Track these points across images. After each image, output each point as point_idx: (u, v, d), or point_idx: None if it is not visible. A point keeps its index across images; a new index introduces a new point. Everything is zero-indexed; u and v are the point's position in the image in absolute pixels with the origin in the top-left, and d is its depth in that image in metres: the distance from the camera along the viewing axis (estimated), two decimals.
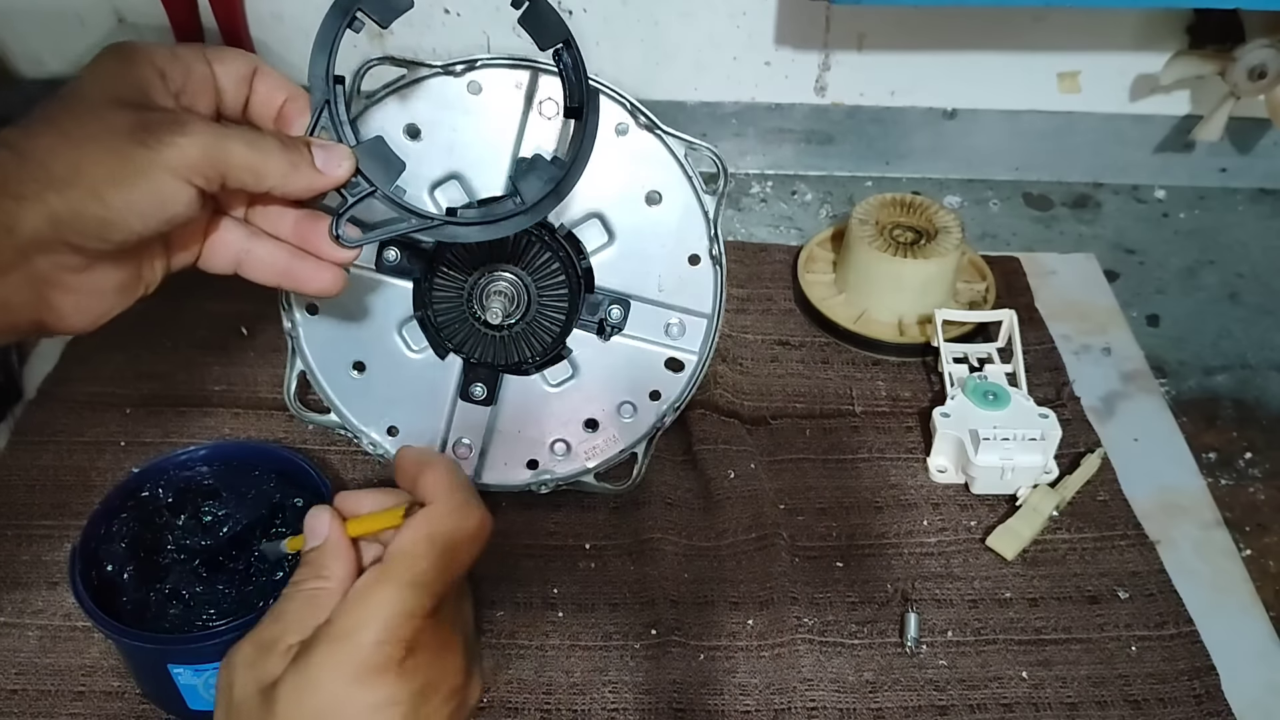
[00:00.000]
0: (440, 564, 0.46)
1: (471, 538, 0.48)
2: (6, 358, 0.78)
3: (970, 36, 0.96)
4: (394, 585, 0.45)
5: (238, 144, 0.46)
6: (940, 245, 0.82)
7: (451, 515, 0.47)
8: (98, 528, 0.59)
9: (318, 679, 0.44)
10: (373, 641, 0.44)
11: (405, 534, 0.47)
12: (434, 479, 0.48)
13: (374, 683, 0.44)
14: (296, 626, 0.46)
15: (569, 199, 0.62)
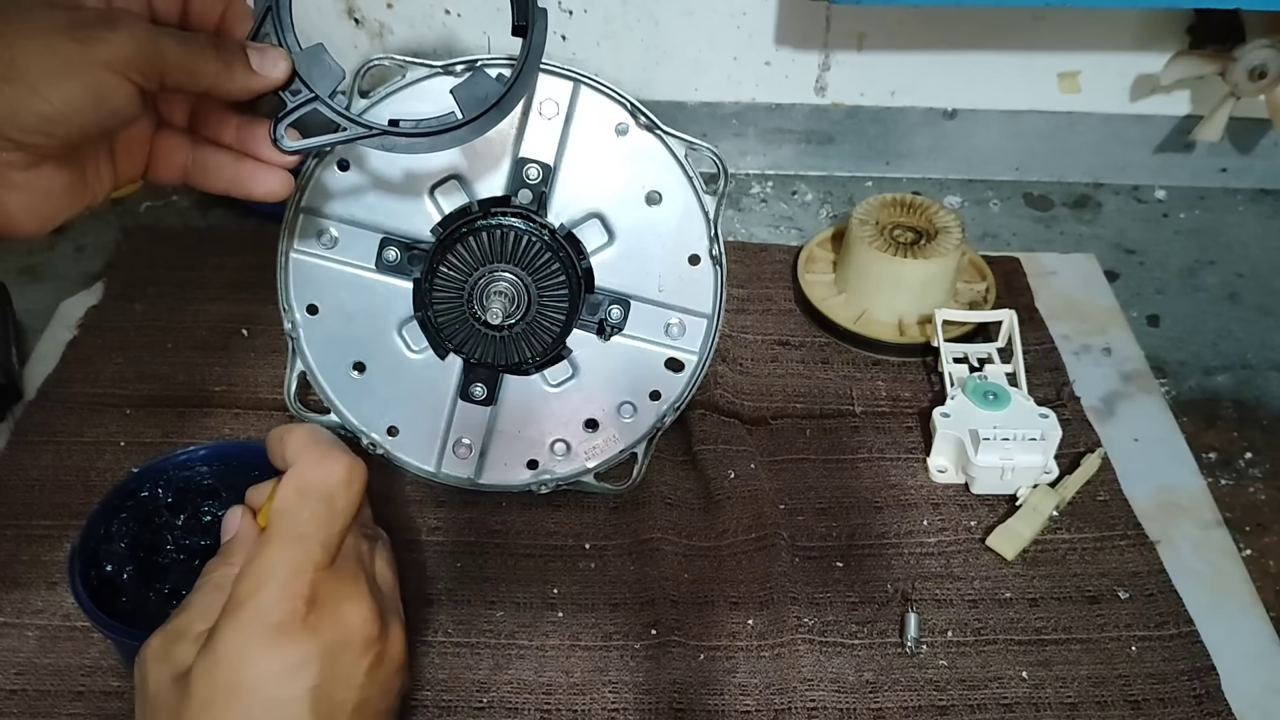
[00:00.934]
0: (318, 514, 0.46)
1: (343, 482, 0.48)
2: (7, 359, 0.78)
3: (970, 36, 0.96)
4: (278, 543, 0.46)
5: (170, 41, 0.46)
6: (940, 245, 0.82)
7: (315, 466, 0.48)
8: (97, 528, 0.59)
9: (226, 654, 0.43)
10: (271, 601, 0.44)
11: (278, 493, 0.47)
12: (293, 442, 0.49)
13: (280, 644, 0.44)
14: (203, 613, 0.46)
15: (569, 199, 0.63)
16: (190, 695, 0.43)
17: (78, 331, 0.82)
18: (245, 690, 0.43)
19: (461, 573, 0.67)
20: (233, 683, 0.43)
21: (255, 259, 0.87)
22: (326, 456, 0.48)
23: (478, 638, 0.64)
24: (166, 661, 0.45)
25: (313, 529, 0.46)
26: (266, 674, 0.43)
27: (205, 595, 0.47)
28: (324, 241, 0.64)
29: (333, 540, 0.47)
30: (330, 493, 0.47)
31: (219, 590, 0.47)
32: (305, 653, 0.44)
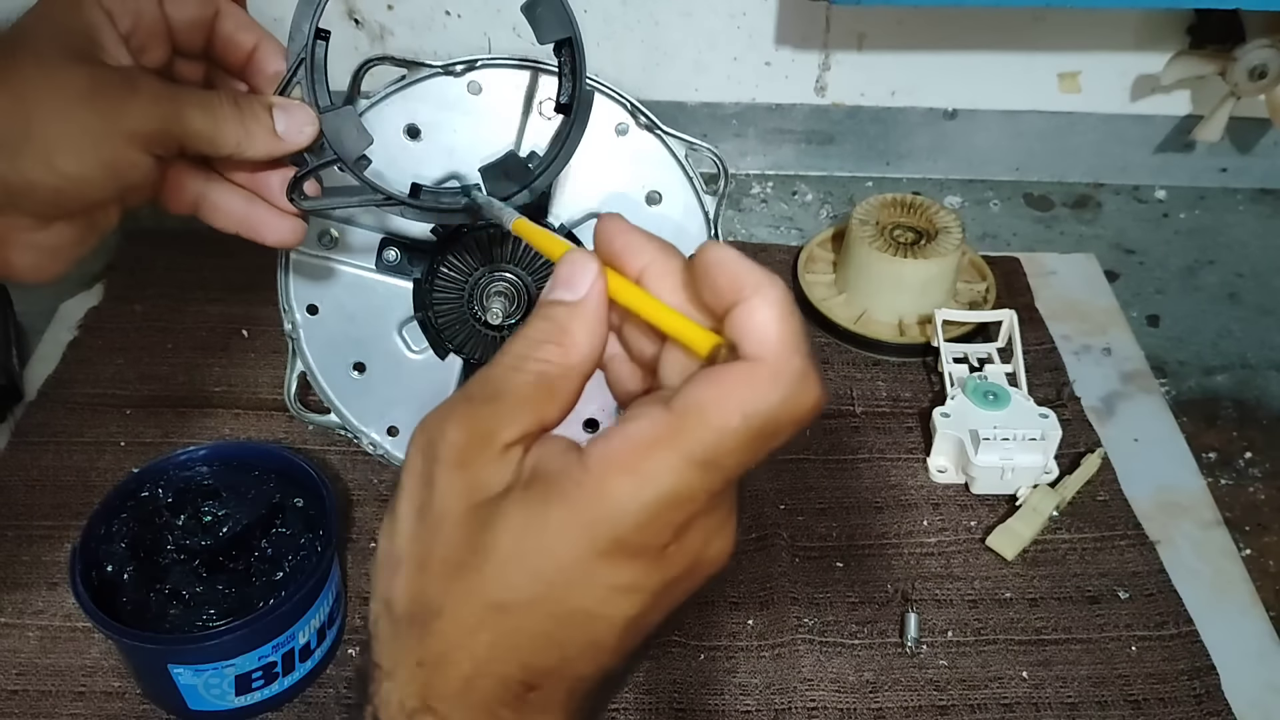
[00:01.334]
0: (749, 448, 0.33)
1: (801, 419, 0.33)
2: (7, 359, 0.78)
3: (970, 36, 0.96)
4: (681, 460, 0.32)
5: (193, 111, 0.45)
6: (940, 245, 0.82)
7: (782, 388, 0.32)
8: (98, 528, 0.59)
9: (553, 537, 0.33)
10: (635, 522, 0.33)
11: (712, 396, 0.32)
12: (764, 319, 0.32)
13: (622, 565, 0.33)
14: (518, 416, 0.35)
15: (569, 199, 0.63)
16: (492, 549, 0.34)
17: (78, 332, 0.82)
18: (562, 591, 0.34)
19: None
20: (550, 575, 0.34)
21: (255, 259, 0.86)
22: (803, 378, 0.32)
23: None
24: (466, 474, 0.34)
25: (730, 462, 0.33)
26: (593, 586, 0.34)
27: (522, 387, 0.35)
28: (324, 242, 0.64)
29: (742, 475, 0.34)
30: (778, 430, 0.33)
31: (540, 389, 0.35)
32: (644, 583, 0.34)
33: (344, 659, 0.63)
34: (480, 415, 0.35)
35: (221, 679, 0.57)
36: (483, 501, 0.34)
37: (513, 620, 0.34)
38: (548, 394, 0.35)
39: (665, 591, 0.35)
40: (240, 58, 0.50)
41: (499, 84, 0.61)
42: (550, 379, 0.35)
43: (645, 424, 0.33)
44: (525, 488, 0.34)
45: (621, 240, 0.35)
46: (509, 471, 0.34)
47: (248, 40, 0.49)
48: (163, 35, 0.48)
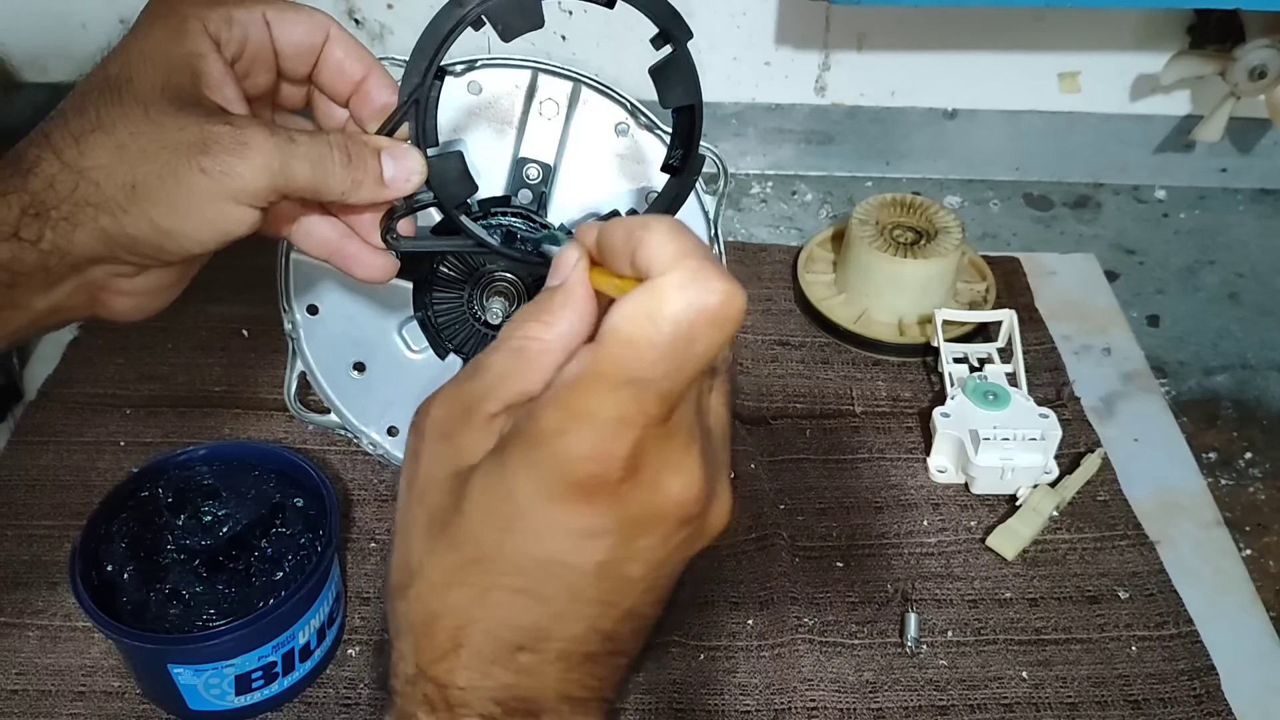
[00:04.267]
0: (670, 355, 0.33)
1: (712, 319, 0.33)
2: (7, 359, 0.78)
3: (970, 36, 0.96)
4: (605, 384, 0.33)
5: (302, 165, 0.43)
6: (940, 245, 0.82)
7: (681, 289, 0.33)
8: (98, 528, 0.59)
9: (512, 487, 0.35)
10: (578, 455, 0.33)
11: (619, 313, 0.34)
12: (656, 242, 0.34)
13: (578, 507, 0.34)
14: (499, 388, 0.37)
15: (569, 199, 0.63)
16: (463, 511, 0.36)
17: (78, 332, 0.82)
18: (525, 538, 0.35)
19: None
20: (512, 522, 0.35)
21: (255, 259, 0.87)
22: (698, 275, 0.33)
23: None
24: (451, 443, 0.37)
25: (657, 374, 0.33)
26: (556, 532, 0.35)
27: (505, 361, 0.37)
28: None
29: (677, 391, 0.34)
30: (695, 331, 0.33)
31: (521, 362, 0.37)
32: (604, 524, 0.34)
33: (344, 659, 0.63)
34: (462, 390, 0.37)
35: (221, 679, 0.57)
36: (464, 468, 0.36)
37: (486, 575, 0.35)
38: (527, 365, 0.36)
39: (635, 535, 0.35)
40: (347, 87, 0.48)
41: (499, 84, 0.61)
42: (529, 352, 0.36)
43: (575, 362, 0.35)
44: (495, 449, 0.36)
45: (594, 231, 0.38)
46: (490, 440, 0.36)
47: (356, 70, 0.48)
48: (269, 62, 0.47)
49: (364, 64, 0.48)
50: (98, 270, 0.44)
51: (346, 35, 0.48)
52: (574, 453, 0.34)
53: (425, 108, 0.46)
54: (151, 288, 0.46)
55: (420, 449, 0.38)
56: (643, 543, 0.36)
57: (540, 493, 0.34)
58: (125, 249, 0.43)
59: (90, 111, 0.42)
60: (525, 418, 0.35)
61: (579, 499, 0.34)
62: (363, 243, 0.49)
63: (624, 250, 0.35)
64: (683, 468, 0.35)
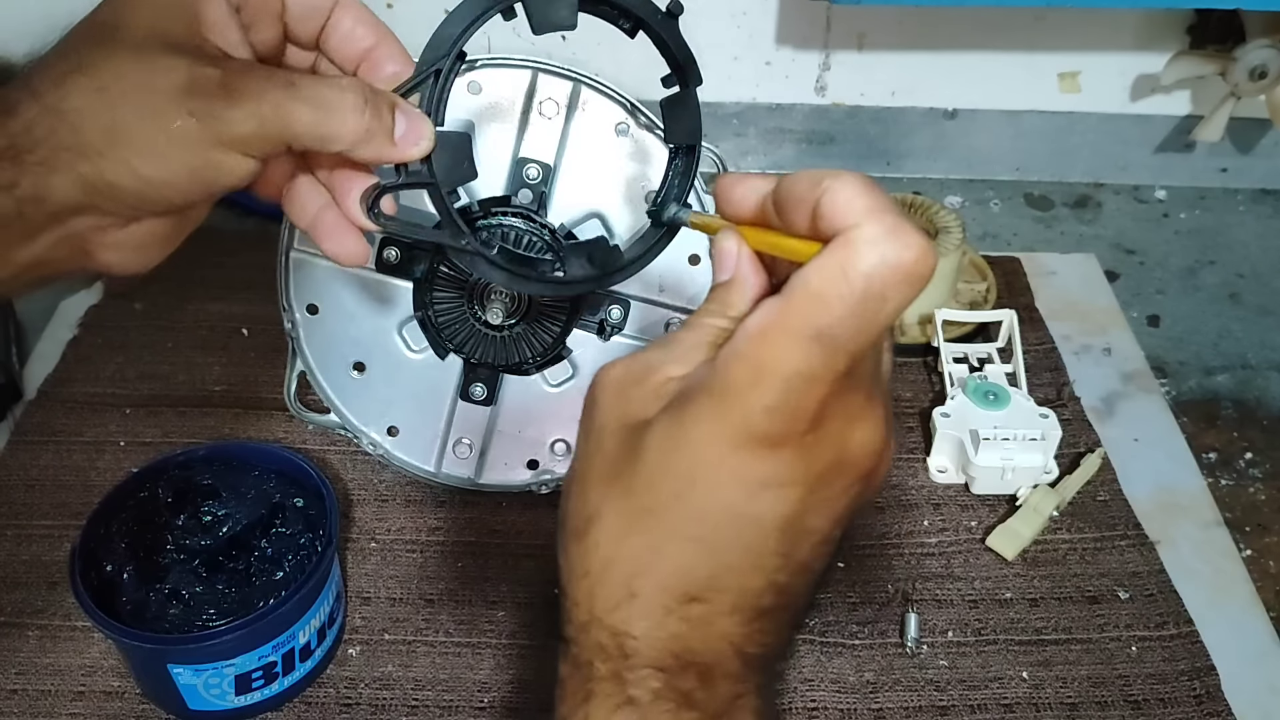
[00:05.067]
0: (859, 311, 0.32)
1: (906, 275, 0.32)
2: (7, 358, 0.78)
3: (970, 36, 0.96)
4: (793, 338, 0.33)
5: (303, 110, 0.40)
6: (941, 245, 0.82)
7: (877, 243, 0.32)
8: (98, 528, 0.59)
9: (694, 439, 0.35)
10: (766, 406, 0.33)
11: (813, 269, 0.33)
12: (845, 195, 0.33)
13: (763, 456, 0.34)
14: (680, 357, 0.37)
15: (569, 199, 0.63)
16: (640, 460, 0.36)
17: (78, 331, 0.82)
18: (706, 489, 0.35)
19: (462, 573, 0.67)
20: (693, 473, 0.35)
21: (255, 259, 0.87)
22: (895, 231, 0.32)
23: (479, 638, 0.64)
24: (623, 400, 0.38)
25: (844, 330, 0.33)
26: (735, 482, 0.35)
27: (690, 337, 0.38)
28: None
29: (864, 347, 0.34)
30: (886, 288, 0.32)
31: (703, 344, 0.37)
32: (790, 476, 0.35)
33: (344, 659, 0.63)
34: (649, 355, 0.38)
35: (221, 679, 0.57)
36: (637, 421, 0.37)
37: (663, 524, 0.36)
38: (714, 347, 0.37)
39: (818, 487, 0.35)
40: (354, 54, 0.46)
41: (499, 84, 0.61)
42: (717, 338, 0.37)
43: (759, 313, 0.34)
44: (671, 404, 0.36)
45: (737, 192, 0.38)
46: (663, 399, 0.36)
47: (367, 36, 0.46)
48: (275, 15, 0.44)
49: (375, 30, 0.46)
50: (80, 221, 0.41)
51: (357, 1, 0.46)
52: (761, 405, 0.33)
53: (443, 82, 0.44)
54: (141, 241, 0.43)
55: (599, 399, 0.38)
56: (824, 494, 0.36)
57: (723, 443, 0.34)
58: (105, 197, 0.40)
59: (74, 54, 0.40)
60: (707, 370, 0.35)
61: (764, 450, 0.34)
62: (341, 216, 0.46)
63: (807, 199, 0.34)
64: (866, 419, 0.36)
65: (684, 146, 0.49)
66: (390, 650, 0.63)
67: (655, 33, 0.47)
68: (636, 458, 0.36)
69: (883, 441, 0.37)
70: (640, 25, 0.47)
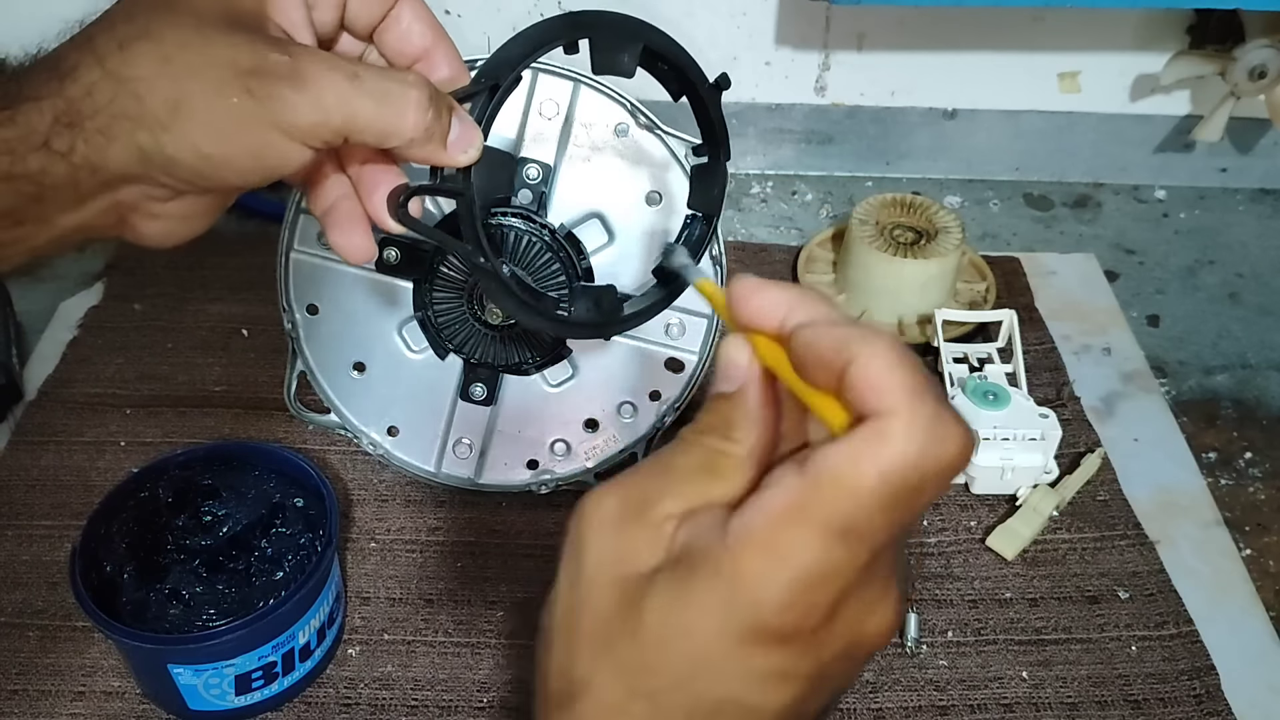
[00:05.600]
0: (891, 508, 0.30)
1: (946, 471, 0.30)
2: (7, 359, 0.78)
3: (970, 36, 0.96)
4: (816, 531, 0.30)
5: (366, 103, 0.39)
6: (940, 245, 0.82)
7: (918, 438, 0.29)
8: (98, 528, 0.59)
9: (697, 623, 0.32)
10: (778, 602, 0.30)
11: (845, 457, 0.30)
12: (880, 370, 0.30)
13: (769, 651, 0.31)
14: (683, 490, 0.34)
15: (569, 199, 0.63)
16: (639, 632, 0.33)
17: (78, 331, 0.82)
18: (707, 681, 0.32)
19: (462, 573, 0.67)
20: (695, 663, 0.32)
21: (255, 259, 0.87)
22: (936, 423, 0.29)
23: (478, 638, 0.64)
24: (619, 540, 0.34)
25: (878, 528, 0.30)
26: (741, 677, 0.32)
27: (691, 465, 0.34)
28: (324, 241, 0.64)
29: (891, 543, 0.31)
30: (922, 484, 0.30)
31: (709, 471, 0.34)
32: (797, 669, 0.32)
33: (344, 659, 0.63)
34: (642, 485, 0.34)
35: (221, 679, 0.57)
36: (632, 575, 0.33)
37: (660, 708, 0.33)
38: (713, 474, 0.34)
39: (821, 676, 0.33)
40: (410, 52, 0.45)
41: None
42: (715, 464, 0.34)
43: (780, 493, 0.31)
44: (673, 566, 0.33)
45: (756, 301, 0.34)
46: (660, 547, 0.33)
47: (424, 36, 0.44)
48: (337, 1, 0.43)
49: (433, 32, 0.45)
50: (130, 190, 0.40)
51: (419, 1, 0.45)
52: (774, 601, 0.31)
53: (498, 98, 0.44)
54: (185, 213, 0.42)
55: (587, 539, 0.34)
56: (829, 681, 0.33)
57: (729, 634, 0.31)
58: (162, 170, 0.39)
59: (140, 18, 0.39)
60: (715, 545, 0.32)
61: (771, 644, 0.31)
62: (356, 210, 0.44)
63: (833, 363, 0.31)
64: (882, 604, 0.33)
65: (704, 214, 0.50)
66: (390, 650, 0.63)
67: (700, 101, 0.47)
68: (635, 629, 0.33)
69: (896, 621, 0.34)
70: (687, 91, 0.47)
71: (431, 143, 0.41)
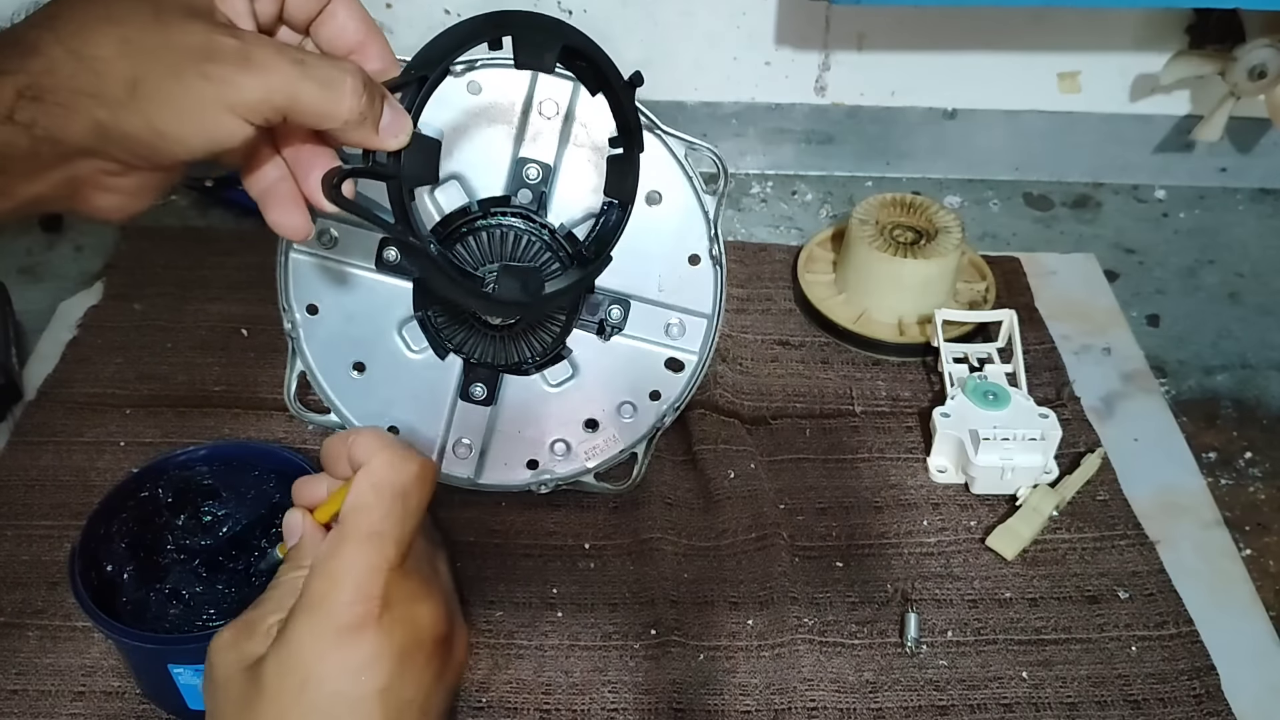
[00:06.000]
0: (393, 511, 0.45)
1: (417, 479, 0.46)
2: (7, 359, 0.78)
3: (970, 36, 0.96)
4: (353, 542, 0.45)
5: (309, 86, 0.42)
6: (940, 245, 0.82)
7: (391, 465, 0.46)
8: (98, 528, 0.59)
9: (299, 649, 0.43)
10: (345, 601, 0.44)
11: (352, 491, 0.46)
12: (364, 443, 0.47)
13: (353, 642, 0.43)
14: (275, 609, 0.46)
15: (569, 199, 0.63)
16: (261, 687, 0.43)
17: (78, 331, 0.82)
18: (316, 686, 0.43)
19: (461, 572, 0.67)
20: (304, 677, 0.43)
21: (255, 259, 0.87)
22: (402, 455, 0.47)
23: (477, 637, 0.64)
24: (236, 651, 0.45)
25: (387, 526, 0.45)
26: (338, 671, 0.43)
27: (279, 594, 0.47)
28: (324, 241, 0.64)
29: (405, 538, 0.46)
30: (405, 490, 0.46)
31: (292, 590, 0.46)
32: (378, 652, 0.44)
33: None
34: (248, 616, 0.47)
35: None
36: (251, 663, 0.44)
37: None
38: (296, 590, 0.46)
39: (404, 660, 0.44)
40: (343, 46, 0.48)
41: (499, 84, 0.61)
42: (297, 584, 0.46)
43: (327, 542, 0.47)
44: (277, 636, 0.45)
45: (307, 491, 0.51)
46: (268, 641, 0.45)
47: (357, 32, 0.47)
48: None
49: (365, 28, 0.48)
50: (86, 164, 0.43)
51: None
52: (341, 600, 0.44)
53: (427, 87, 0.47)
54: (136, 188, 0.45)
55: (214, 661, 0.46)
56: (409, 666, 0.45)
57: (321, 642, 0.43)
58: (117, 145, 0.42)
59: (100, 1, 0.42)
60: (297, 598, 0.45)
61: (353, 636, 0.43)
62: (292, 191, 0.47)
63: (341, 454, 0.48)
64: (426, 597, 0.46)
65: (619, 201, 0.54)
66: None
67: (615, 97, 0.51)
68: (259, 686, 0.44)
69: (446, 617, 0.47)
70: (604, 87, 0.51)
71: (365, 126, 0.45)
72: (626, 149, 0.53)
